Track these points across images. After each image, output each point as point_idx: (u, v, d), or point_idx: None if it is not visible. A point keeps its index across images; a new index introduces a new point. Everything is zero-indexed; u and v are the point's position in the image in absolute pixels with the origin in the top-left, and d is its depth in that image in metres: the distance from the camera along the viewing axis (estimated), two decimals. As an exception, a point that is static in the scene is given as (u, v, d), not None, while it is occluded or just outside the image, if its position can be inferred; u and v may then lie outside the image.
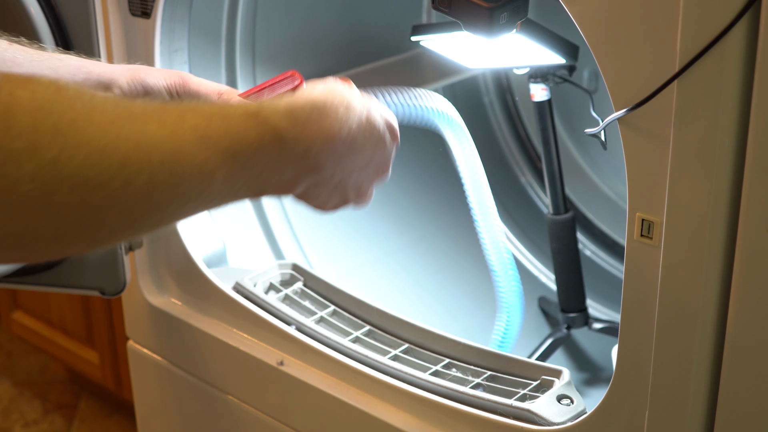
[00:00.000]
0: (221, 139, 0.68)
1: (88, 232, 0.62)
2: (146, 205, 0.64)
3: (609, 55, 0.88)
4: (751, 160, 0.82)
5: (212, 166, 0.68)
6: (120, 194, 0.62)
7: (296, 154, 0.75)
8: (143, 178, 0.62)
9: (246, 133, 0.71)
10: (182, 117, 0.67)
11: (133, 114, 0.64)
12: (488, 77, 1.78)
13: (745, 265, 0.85)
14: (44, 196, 0.58)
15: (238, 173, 0.70)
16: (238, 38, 1.46)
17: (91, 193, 0.60)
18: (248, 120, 0.72)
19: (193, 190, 0.67)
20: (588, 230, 1.71)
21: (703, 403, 0.92)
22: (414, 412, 1.15)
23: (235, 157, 0.69)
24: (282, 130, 0.74)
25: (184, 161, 0.66)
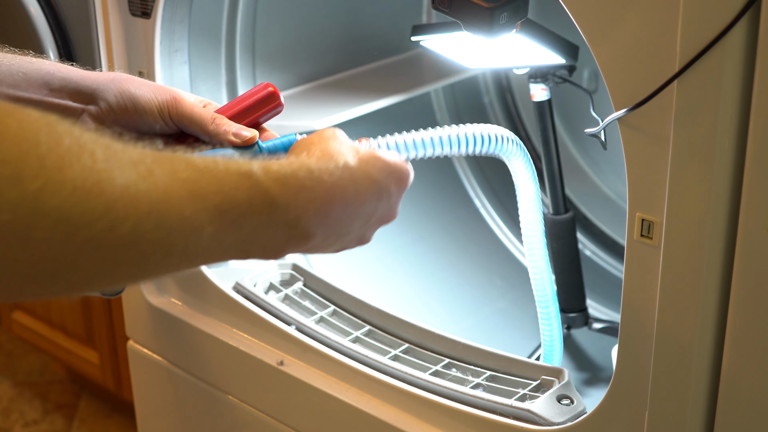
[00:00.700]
0: (212, 196, 0.67)
1: (66, 275, 0.60)
2: (129, 253, 0.62)
3: (609, 55, 0.88)
4: (751, 160, 0.82)
5: (200, 222, 0.66)
6: (102, 238, 0.60)
7: (287, 221, 0.74)
8: (128, 226, 0.61)
9: (237, 193, 0.69)
10: (173, 168, 0.66)
11: (123, 159, 0.62)
12: (488, 77, 1.78)
13: (745, 265, 0.85)
14: (24, 229, 0.56)
15: (225, 232, 0.69)
16: (238, 38, 1.46)
17: (74, 232, 0.58)
18: (240, 180, 0.70)
19: (178, 245, 0.65)
20: (588, 230, 1.71)
21: (703, 403, 0.92)
22: (414, 412, 1.15)
23: (224, 215, 0.68)
24: (274, 195, 0.72)
25: (172, 214, 0.64)
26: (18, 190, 0.56)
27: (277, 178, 0.73)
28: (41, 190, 0.56)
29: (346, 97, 1.51)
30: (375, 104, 1.49)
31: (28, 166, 0.56)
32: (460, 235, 1.71)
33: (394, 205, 0.87)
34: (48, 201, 0.57)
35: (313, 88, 1.56)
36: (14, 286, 0.59)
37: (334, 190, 0.77)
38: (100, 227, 0.59)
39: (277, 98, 0.95)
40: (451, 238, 1.70)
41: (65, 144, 0.58)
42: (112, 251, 0.61)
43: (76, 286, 0.62)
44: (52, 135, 0.58)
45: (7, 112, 0.57)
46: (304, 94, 1.55)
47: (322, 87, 1.57)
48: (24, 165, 0.56)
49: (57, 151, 0.58)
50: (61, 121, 0.60)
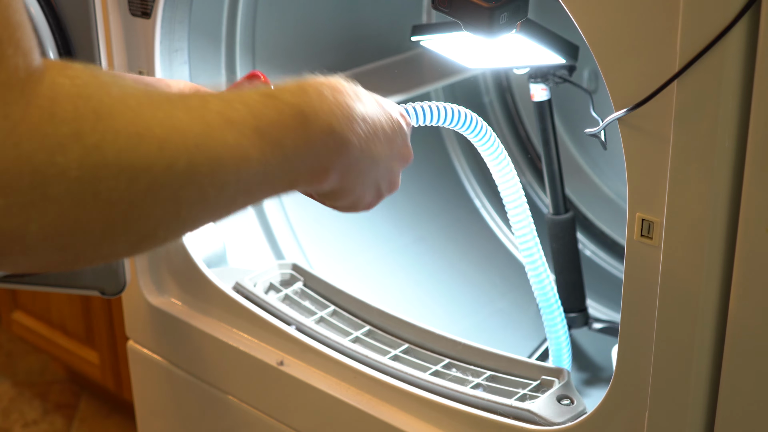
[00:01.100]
0: (246, 121, 0.69)
1: (136, 225, 0.62)
2: (188, 191, 0.64)
3: (609, 55, 0.88)
4: (751, 160, 0.82)
5: (245, 147, 0.68)
6: (163, 179, 0.62)
7: (321, 130, 0.75)
8: (183, 162, 0.63)
9: (266, 112, 0.71)
10: (205, 103, 0.67)
11: (160, 100, 0.64)
12: (488, 77, 1.78)
13: (745, 265, 0.85)
14: (92, 183, 0.58)
15: (269, 153, 0.70)
16: (238, 38, 1.46)
17: (136, 178, 0.60)
18: (266, 100, 0.72)
19: (231, 174, 0.67)
20: (588, 230, 1.71)
21: (703, 403, 0.92)
22: (414, 412, 1.15)
23: (263, 136, 0.69)
24: (300, 106, 0.74)
25: (217, 144, 0.66)
26: (80, 146, 0.57)
27: (297, 90, 0.75)
28: (101, 142, 0.58)
29: (346, 97, 1.51)
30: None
31: (85, 121, 0.58)
32: (460, 235, 1.71)
33: (407, 140, 0.89)
34: (108, 151, 0.59)
35: (313, 88, 1.56)
36: (88, 247, 0.61)
37: (352, 99, 0.79)
38: (158, 168, 0.61)
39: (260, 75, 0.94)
40: (451, 238, 1.70)
41: (113, 94, 0.60)
42: (173, 191, 0.63)
43: (146, 238, 0.64)
44: (101, 86, 0.60)
45: (58, 70, 0.59)
46: (304, 94, 1.54)
47: (322, 87, 1.57)
48: (82, 121, 0.58)
49: (107, 102, 0.60)
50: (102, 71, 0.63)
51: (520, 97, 1.78)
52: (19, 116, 0.55)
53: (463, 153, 1.78)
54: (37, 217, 0.57)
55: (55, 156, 0.56)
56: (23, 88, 0.56)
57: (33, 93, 0.56)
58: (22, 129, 0.56)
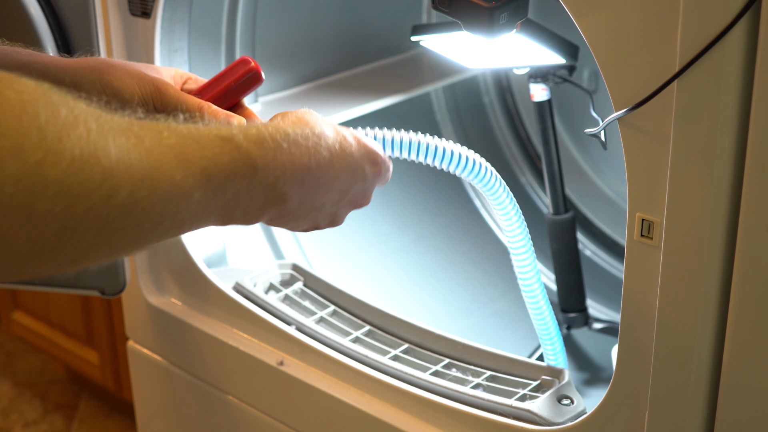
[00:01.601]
0: (198, 161, 0.68)
1: (66, 248, 0.61)
2: (124, 222, 0.63)
3: (609, 55, 0.88)
4: (751, 160, 0.82)
5: (189, 187, 0.67)
6: (102, 207, 0.61)
7: (266, 184, 0.75)
8: (124, 194, 0.62)
9: (221, 157, 0.70)
10: (159, 136, 0.66)
11: (114, 127, 0.63)
12: (488, 77, 1.78)
13: (745, 265, 0.85)
14: (27, 202, 0.57)
15: (211, 196, 0.70)
16: (238, 38, 1.46)
17: (74, 203, 0.59)
18: (223, 144, 0.71)
19: (169, 211, 0.66)
20: (588, 230, 1.71)
21: (703, 403, 0.92)
22: (414, 412, 1.15)
23: (210, 179, 0.69)
24: (254, 157, 0.73)
25: (163, 180, 0.65)
26: (20, 162, 0.56)
27: (256, 140, 0.74)
28: (42, 161, 0.57)
29: (346, 97, 1.51)
30: (375, 104, 1.49)
31: (28, 138, 0.56)
32: (460, 235, 1.71)
33: (369, 188, 0.88)
34: (49, 172, 0.57)
35: (313, 88, 1.56)
36: (15, 263, 0.59)
37: (310, 155, 0.79)
38: (98, 196, 0.60)
39: (259, 75, 0.93)
40: (451, 238, 1.70)
41: (62, 115, 0.59)
42: (109, 220, 0.62)
43: (74, 260, 0.63)
44: (50, 106, 0.58)
45: (6, 83, 0.57)
46: (304, 94, 1.55)
47: (322, 87, 1.57)
48: (25, 137, 0.56)
49: (55, 123, 0.58)
50: (55, 90, 0.60)
51: (520, 97, 1.78)
52: None
53: (463, 153, 1.78)
54: None
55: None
56: None
57: None
58: None
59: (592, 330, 1.49)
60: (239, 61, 0.94)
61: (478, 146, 1.82)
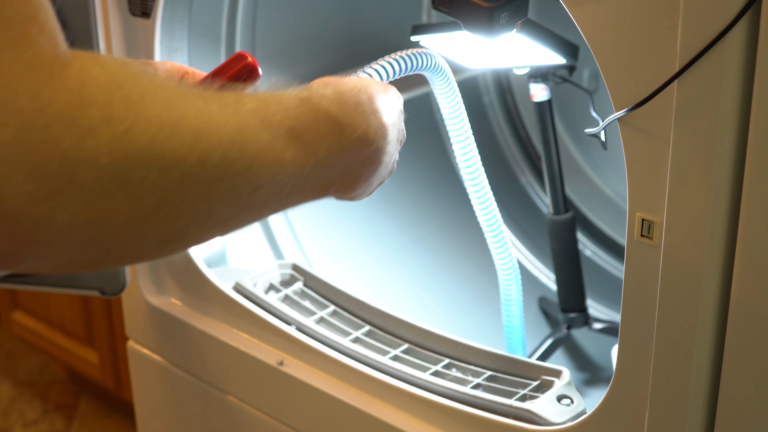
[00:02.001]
0: (281, 122, 0.67)
1: (167, 220, 0.60)
2: (222, 188, 0.62)
3: (609, 55, 0.88)
4: (751, 160, 0.82)
5: (279, 148, 0.66)
6: (196, 172, 0.60)
7: (356, 139, 0.74)
8: (217, 156, 0.61)
9: (303, 117, 0.70)
10: (240, 100, 0.66)
11: (193, 94, 0.62)
12: (488, 77, 1.78)
13: (745, 265, 0.85)
14: (122, 172, 0.56)
15: (302, 157, 0.68)
16: (238, 38, 1.46)
17: (168, 169, 0.58)
18: (302, 104, 0.70)
19: (265, 174, 0.65)
20: (588, 230, 1.71)
21: (704, 403, 0.92)
22: (414, 412, 1.15)
23: (298, 139, 0.68)
24: (336, 115, 0.73)
25: (252, 142, 0.64)
26: (110, 131, 0.55)
27: (333, 98, 0.74)
28: (131, 128, 0.56)
29: (346, 97, 1.51)
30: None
31: (116, 107, 0.56)
32: (460, 235, 1.71)
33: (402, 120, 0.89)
34: (140, 139, 0.57)
35: (313, 88, 1.56)
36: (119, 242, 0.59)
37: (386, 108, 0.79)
38: (191, 161, 0.59)
39: (256, 71, 0.93)
40: (451, 238, 1.70)
41: (143, 83, 0.59)
42: (206, 186, 0.61)
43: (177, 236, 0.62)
44: (131, 76, 0.58)
45: (87, 59, 0.57)
46: (304, 94, 1.54)
47: (322, 87, 1.57)
48: (112, 107, 0.56)
49: (138, 91, 0.58)
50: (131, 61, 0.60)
51: (520, 97, 1.78)
52: (47, 98, 0.53)
53: (463, 153, 1.78)
54: (65, 205, 0.55)
55: (84, 140, 0.54)
56: (51, 70, 0.54)
57: (61, 76, 0.54)
58: (51, 111, 0.53)
59: (592, 330, 1.49)
60: (236, 56, 0.93)
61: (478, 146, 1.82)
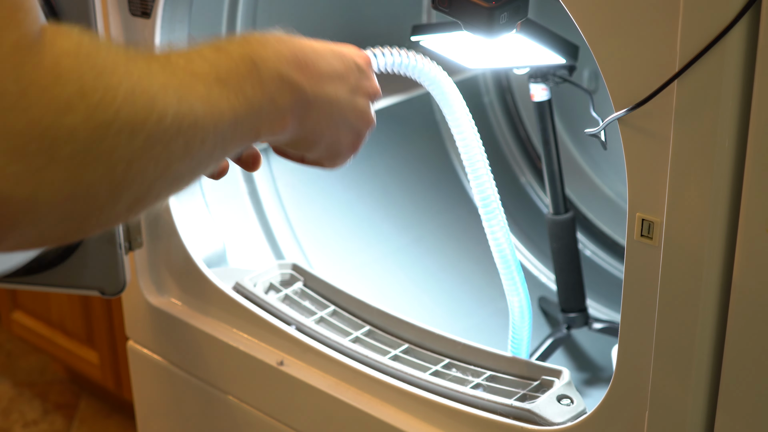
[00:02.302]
0: (208, 72, 0.70)
1: (134, 184, 0.62)
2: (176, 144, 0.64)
3: (609, 55, 0.88)
4: (751, 160, 0.82)
5: (214, 97, 0.69)
6: (156, 133, 0.62)
7: (271, 76, 0.76)
8: (171, 115, 0.63)
9: (222, 63, 0.72)
10: (169, 59, 0.68)
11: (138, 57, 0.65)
12: (488, 77, 1.78)
13: (745, 265, 0.85)
14: (96, 143, 0.58)
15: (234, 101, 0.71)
16: (238, 38, 1.46)
17: (133, 134, 0.60)
18: (217, 53, 0.73)
19: (209, 125, 0.68)
20: (588, 230, 1.71)
21: (704, 403, 0.92)
22: (414, 412, 1.15)
23: (226, 84, 0.70)
24: (247, 53, 0.75)
25: (192, 96, 0.67)
26: (85, 104, 0.57)
27: (240, 42, 0.76)
28: (102, 99, 0.58)
29: (346, 97, 1.51)
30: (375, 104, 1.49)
31: (87, 79, 0.58)
32: (460, 235, 1.71)
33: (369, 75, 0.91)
34: (109, 108, 0.59)
35: (313, 88, 1.56)
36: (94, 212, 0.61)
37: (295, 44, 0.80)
38: (151, 123, 0.61)
39: None
40: (451, 238, 1.70)
41: (104, 51, 0.61)
42: (164, 145, 0.63)
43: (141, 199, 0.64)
44: (95, 45, 0.60)
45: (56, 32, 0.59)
46: (304, 94, 1.54)
47: (322, 87, 1.57)
48: (84, 80, 0.58)
49: (104, 60, 0.60)
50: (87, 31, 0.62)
51: (520, 97, 1.78)
52: (28, 79, 0.55)
53: (463, 153, 1.78)
54: (47, 183, 0.57)
55: (62, 117, 0.56)
56: (31, 50, 0.56)
57: (39, 54, 0.56)
58: (32, 92, 0.55)
59: (592, 330, 1.49)
60: None
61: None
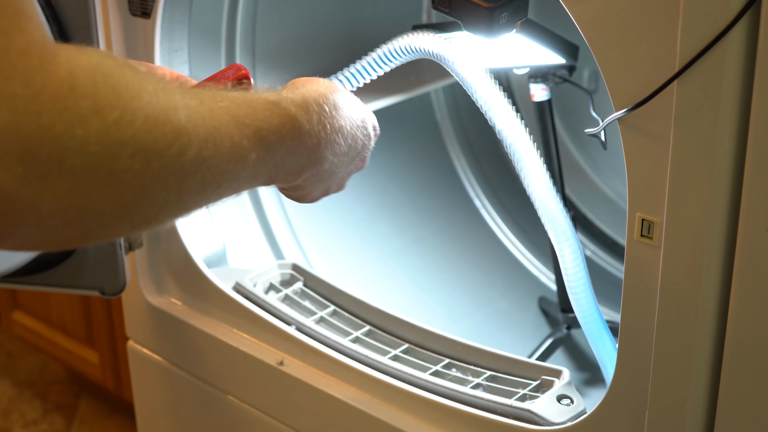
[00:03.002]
0: (251, 123, 0.70)
1: (143, 206, 0.63)
2: (193, 179, 0.65)
3: (609, 55, 0.88)
4: (751, 160, 0.82)
5: (246, 148, 0.69)
6: (174, 164, 0.62)
7: (309, 145, 0.78)
8: (193, 151, 0.63)
9: (271, 119, 0.73)
10: (215, 97, 0.69)
11: (174, 89, 0.65)
12: (488, 77, 1.78)
13: (745, 265, 0.85)
14: (108, 160, 0.58)
15: (263, 157, 0.72)
16: (238, 38, 1.46)
17: (150, 160, 0.60)
18: (272, 107, 0.74)
19: (230, 170, 0.68)
20: (588, 230, 1.71)
21: (703, 403, 0.92)
22: (414, 412, 1.15)
23: (263, 140, 0.71)
24: (301, 120, 0.76)
25: (225, 140, 0.67)
26: (99, 121, 0.58)
27: (301, 104, 0.77)
28: (119, 119, 0.58)
29: (346, 97, 1.51)
30: (375, 104, 1.49)
31: (104, 96, 0.58)
32: (460, 235, 1.71)
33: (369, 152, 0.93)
34: (126, 130, 0.59)
35: (313, 88, 1.56)
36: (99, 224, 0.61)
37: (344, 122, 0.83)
38: (171, 154, 0.62)
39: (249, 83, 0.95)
40: (451, 238, 1.70)
41: (128, 75, 0.61)
42: (180, 178, 0.64)
43: (148, 220, 0.65)
44: (117, 67, 0.61)
45: (74, 50, 0.59)
46: (304, 94, 1.54)
47: (322, 87, 1.57)
48: (101, 96, 0.58)
49: (124, 82, 0.60)
50: (114, 56, 0.62)
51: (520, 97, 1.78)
52: (40, 85, 0.55)
53: (463, 153, 1.78)
54: (53, 189, 0.57)
55: (75, 128, 0.56)
56: (42, 58, 0.56)
57: (52, 64, 0.56)
58: (44, 98, 0.55)
59: (592, 330, 1.49)
60: (231, 67, 0.96)
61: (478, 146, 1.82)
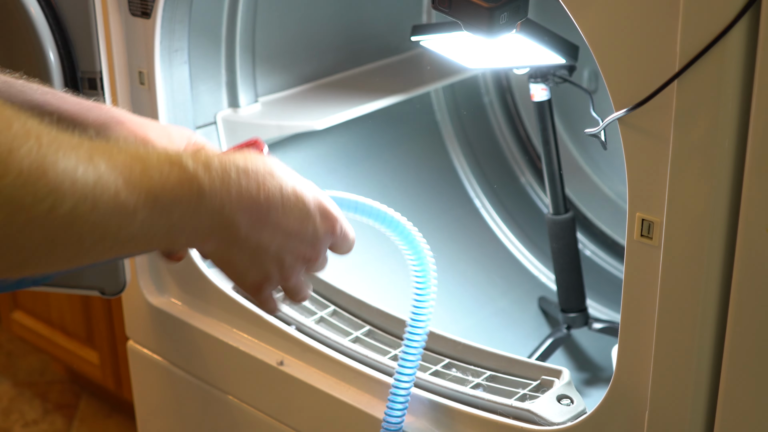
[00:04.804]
0: (143, 181, 0.69)
1: (7, 255, 0.62)
2: (66, 234, 0.64)
3: (609, 55, 0.88)
4: (751, 160, 0.82)
5: (133, 206, 0.68)
6: (43, 218, 0.62)
7: (212, 207, 0.75)
8: (67, 207, 0.63)
9: (167, 179, 0.71)
10: (110, 154, 0.67)
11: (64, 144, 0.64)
12: (488, 77, 1.78)
13: (745, 265, 0.85)
14: None
15: (156, 218, 0.70)
16: (238, 38, 1.46)
17: (16, 213, 0.60)
18: (171, 166, 0.72)
19: (112, 228, 0.67)
20: (588, 230, 1.71)
21: (703, 403, 0.92)
22: (414, 411, 1.15)
23: (156, 200, 0.70)
24: (201, 180, 0.73)
25: (108, 197, 0.66)
26: None
27: (204, 163, 0.74)
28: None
29: (346, 97, 1.51)
30: (375, 104, 1.49)
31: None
32: (460, 235, 1.71)
33: (319, 244, 0.86)
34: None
35: (313, 88, 1.56)
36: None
37: (258, 187, 0.78)
38: (40, 209, 0.61)
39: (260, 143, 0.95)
40: (451, 238, 1.70)
41: (14, 128, 0.60)
42: (50, 232, 0.63)
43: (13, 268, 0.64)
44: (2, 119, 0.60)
45: None
46: (304, 94, 1.55)
47: (322, 87, 1.57)
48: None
49: (6, 135, 0.59)
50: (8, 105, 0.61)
51: (520, 97, 1.78)
52: None
53: (463, 153, 1.78)
54: None
55: None
56: None
57: None
58: None
59: (592, 330, 1.49)
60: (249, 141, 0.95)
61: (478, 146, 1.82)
